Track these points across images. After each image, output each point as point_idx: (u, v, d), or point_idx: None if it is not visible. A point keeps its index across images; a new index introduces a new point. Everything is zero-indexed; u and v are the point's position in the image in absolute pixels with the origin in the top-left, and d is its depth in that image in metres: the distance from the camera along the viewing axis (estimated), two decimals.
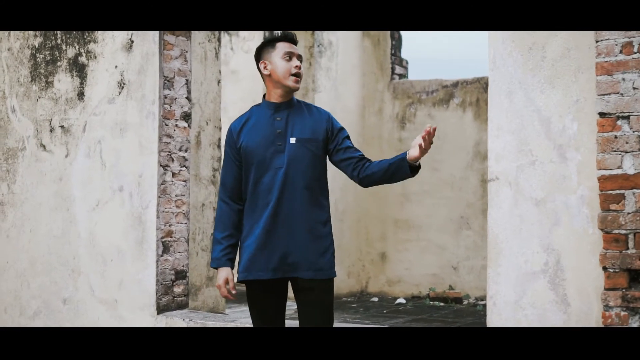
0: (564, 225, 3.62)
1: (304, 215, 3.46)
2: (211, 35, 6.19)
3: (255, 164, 3.46)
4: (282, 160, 3.45)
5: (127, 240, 5.15)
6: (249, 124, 3.53)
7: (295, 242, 3.44)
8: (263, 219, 3.44)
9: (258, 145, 3.47)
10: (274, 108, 3.51)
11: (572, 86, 3.60)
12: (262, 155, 3.46)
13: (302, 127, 3.48)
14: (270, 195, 3.44)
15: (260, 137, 3.48)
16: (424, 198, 8.45)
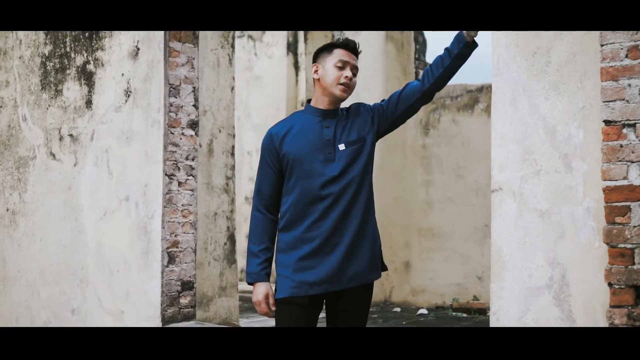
0: (569, 238, 3.45)
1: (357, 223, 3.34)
2: (224, 41, 6.11)
3: (303, 173, 3.28)
4: (333, 169, 3.30)
5: (133, 251, 5.09)
6: (294, 131, 3.35)
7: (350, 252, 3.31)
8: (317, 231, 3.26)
9: (306, 153, 3.29)
10: (321, 115, 3.37)
11: (578, 92, 3.44)
12: (310, 163, 3.29)
13: (349, 132, 3.37)
14: (322, 206, 3.28)
15: (308, 145, 3.31)
16: (448, 206, 8.28)
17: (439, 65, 3.50)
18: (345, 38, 3.41)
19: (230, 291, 6.25)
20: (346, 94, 3.34)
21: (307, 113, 3.40)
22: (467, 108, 8.26)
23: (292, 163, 3.29)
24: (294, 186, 3.28)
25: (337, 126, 3.36)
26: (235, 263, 6.29)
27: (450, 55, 3.45)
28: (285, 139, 3.33)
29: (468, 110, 8.29)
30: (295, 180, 3.28)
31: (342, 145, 3.32)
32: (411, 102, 3.54)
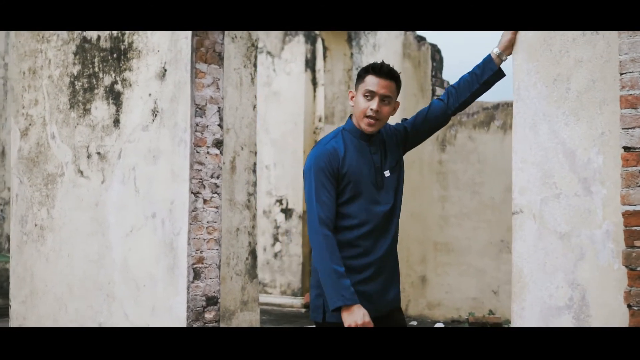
0: (589, 260, 3.53)
1: (395, 248, 3.46)
2: (247, 60, 6.23)
3: (363, 197, 3.28)
4: (385, 197, 3.35)
5: (159, 267, 5.18)
6: (350, 151, 3.32)
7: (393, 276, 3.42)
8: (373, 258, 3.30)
9: (364, 177, 3.30)
10: (367, 139, 3.37)
11: (597, 119, 3.52)
12: (368, 188, 3.30)
13: (388, 157, 3.41)
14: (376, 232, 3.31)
15: (364, 171, 3.32)
16: (464, 221, 8.36)
17: (464, 89, 3.58)
18: (378, 62, 3.38)
19: (252, 305, 6.35)
20: (372, 128, 3.33)
21: (353, 134, 3.37)
22: (483, 125, 8.36)
23: (354, 185, 3.26)
24: (355, 210, 3.26)
25: (381, 151, 3.40)
26: (256, 277, 6.39)
27: (479, 81, 3.54)
28: (346, 159, 3.28)
29: (484, 127, 8.38)
30: (356, 204, 3.26)
31: (387, 172, 3.37)
32: (435, 125, 3.64)
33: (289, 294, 9.91)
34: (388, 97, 3.35)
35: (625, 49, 3.35)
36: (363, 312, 3.17)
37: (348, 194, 3.29)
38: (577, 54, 3.57)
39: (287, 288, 9.93)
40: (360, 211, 3.29)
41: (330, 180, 3.25)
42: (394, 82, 3.37)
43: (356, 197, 3.29)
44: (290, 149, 9.92)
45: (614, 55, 3.47)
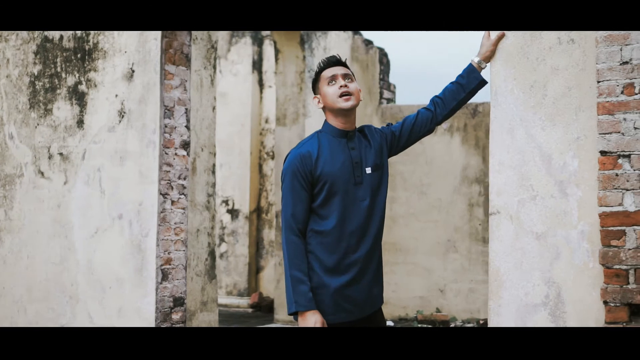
0: (564, 259, 3.68)
1: (380, 246, 3.46)
2: (207, 62, 6.23)
3: (340, 196, 3.28)
4: (364, 193, 3.35)
5: (126, 268, 5.15)
6: (325, 152, 3.33)
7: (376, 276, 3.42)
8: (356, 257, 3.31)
9: (340, 175, 3.30)
10: (345, 136, 3.40)
11: (573, 124, 3.67)
12: (345, 186, 3.30)
13: (371, 155, 3.43)
14: (360, 231, 3.32)
15: (341, 167, 3.32)
16: (412, 221, 8.52)
17: (451, 98, 3.68)
18: (323, 59, 3.47)
19: (211, 306, 6.36)
20: (351, 102, 3.37)
21: (329, 133, 3.40)
22: None
23: (330, 186, 3.28)
24: (333, 210, 3.28)
25: (360, 148, 3.43)
26: (215, 278, 6.40)
27: (465, 90, 3.65)
28: (320, 160, 3.30)
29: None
30: (331, 203, 3.28)
31: (368, 169, 3.39)
32: (422, 133, 3.72)
33: (235, 294, 9.91)
34: (348, 75, 3.43)
35: (603, 57, 3.51)
36: (315, 318, 3.21)
37: (324, 194, 3.31)
38: (554, 62, 3.72)
39: (233, 288, 9.93)
40: (339, 209, 3.30)
41: (302, 184, 3.29)
42: (345, 66, 3.47)
43: (334, 196, 3.31)
44: (237, 150, 9.93)
45: (589, 64, 3.63)
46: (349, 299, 3.27)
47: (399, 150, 3.71)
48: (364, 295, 3.37)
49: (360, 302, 3.35)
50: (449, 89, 3.76)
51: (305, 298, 3.20)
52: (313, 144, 3.38)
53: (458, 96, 3.74)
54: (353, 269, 3.31)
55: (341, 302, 3.25)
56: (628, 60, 3.46)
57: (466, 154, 8.36)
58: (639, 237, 3.41)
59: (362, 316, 3.35)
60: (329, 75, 3.40)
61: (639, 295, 3.40)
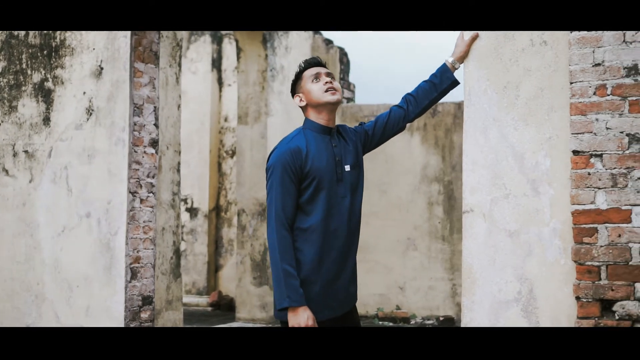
0: (536, 256, 3.76)
1: (357, 244, 3.50)
2: (172, 60, 6.20)
3: (326, 192, 3.30)
4: (343, 191, 3.38)
5: (94, 267, 5.10)
6: (313, 148, 3.34)
7: (353, 273, 3.45)
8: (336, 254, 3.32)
9: (326, 171, 3.32)
10: (328, 132, 3.43)
11: (545, 124, 3.75)
12: (330, 182, 3.32)
13: (349, 153, 3.46)
14: (341, 228, 3.33)
15: (326, 165, 3.34)
16: (372, 220, 8.57)
17: (423, 97, 3.74)
18: (305, 60, 3.53)
19: (176, 304, 6.33)
20: (337, 96, 3.40)
21: (313, 130, 3.42)
22: None
23: (317, 182, 3.28)
24: (318, 206, 3.29)
25: (341, 145, 3.46)
26: (180, 277, 6.37)
27: (437, 90, 3.71)
28: (309, 156, 3.31)
29: None
30: (317, 198, 3.28)
31: (347, 166, 3.42)
32: (394, 131, 3.77)
33: (194, 292, 9.87)
34: (331, 74, 3.49)
35: (576, 59, 3.60)
36: (307, 314, 3.20)
37: (311, 190, 3.31)
38: (526, 63, 3.80)
39: (192, 287, 9.88)
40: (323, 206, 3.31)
41: (292, 179, 3.28)
42: (325, 67, 3.53)
43: (320, 192, 3.32)
44: (196, 149, 9.89)
45: (561, 65, 3.71)
46: (331, 296, 3.29)
47: (372, 147, 3.75)
48: (344, 292, 3.40)
49: (341, 299, 3.38)
50: (421, 87, 3.81)
51: (297, 293, 3.18)
52: (301, 139, 3.38)
53: (430, 95, 3.79)
54: (335, 265, 3.33)
55: (325, 299, 3.27)
56: (600, 62, 3.55)
57: (426, 153, 8.45)
58: (610, 235, 3.50)
59: (342, 313, 3.38)
60: (313, 74, 3.44)
61: (610, 290, 3.49)
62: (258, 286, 8.09)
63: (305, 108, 3.50)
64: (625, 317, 3.47)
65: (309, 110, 3.48)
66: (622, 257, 3.47)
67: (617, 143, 3.50)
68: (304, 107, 3.49)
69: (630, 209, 3.47)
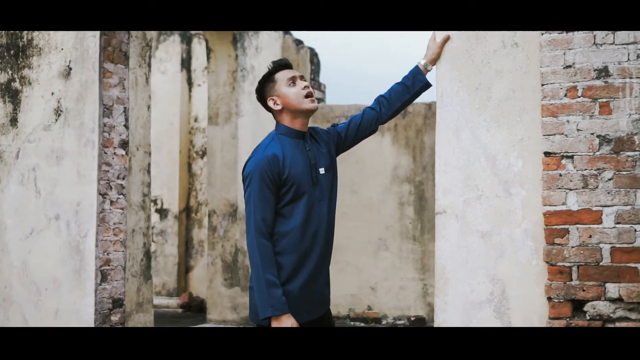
0: (508, 257, 3.78)
1: (332, 246, 3.50)
2: (141, 60, 6.15)
3: (305, 197, 3.28)
4: (320, 194, 3.37)
5: (63, 269, 5.05)
6: (289, 154, 3.31)
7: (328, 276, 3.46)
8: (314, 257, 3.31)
9: (303, 177, 3.30)
10: (302, 137, 3.41)
11: (517, 126, 3.77)
12: (307, 187, 3.30)
13: (323, 156, 3.45)
14: (319, 231, 3.33)
15: (302, 169, 3.32)
16: (343, 220, 8.57)
17: (396, 99, 3.75)
18: (275, 61, 3.49)
19: (147, 307, 6.28)
20: (314, 103, 3.41)
21: (287, 135, 3.40)
22: None
23: (296, 188, 3.28)
24: (298, 210, 3.28)
25: (314, 149, 3.45)
26: (150, 279, 6.32)
27: (409, 92, 3.72)
28: (286, 163, 3.29)
29: None
30: (296, 205, 3.28)
31: (322, 169, 3.42)
32: (366, 133, 3.78)
33: (164, 294, 9.80)
34: (304, 77, 3.48)
35: (547, 61, 3.63)
36: (291, 321, 3.19)
37: (291, 196, 3.30)
38: (498, 65, 3.82)
39: (162, 288, 9.82)
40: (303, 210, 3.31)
41: (270, 187, 3.26)
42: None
43: (299, 197, 3.31)
44: (166, 149, 9.82)
45: (533, 67, 3.73)
46: (309, 299, 3.29)
47: (344, 149, 3.76)
48: (320, 295, 3.41)
49: (317, 301, 3.38)
50: (394, 89, 3.82)
51: (280, 301, 3.17)
52: (276, 146, 3.35)
53: (403, 97, 3.81)
54: (314, 268, 3.34)
55: (303, 302, 3.26)
56: (571, 64, 3.58)
57: (397, 154, 8.47)
58: (581, 235, 3.53)
59: (319, 315, 3.38)
60: (289, 77, 3.41)
61: (581, 291, 3.52)
62: (229, 287, 8.05)
63: (279, 112, 3.46)
64: (596, 318, 3.50)
65: (283, 114, 3.44)
66: (593, 258, 3.50)
67: (587, 144, 3.53)
68: (278, 110, 3.45)
69: (601, 210, 3.51)
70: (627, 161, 3.47)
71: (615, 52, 3.52)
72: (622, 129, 3.50)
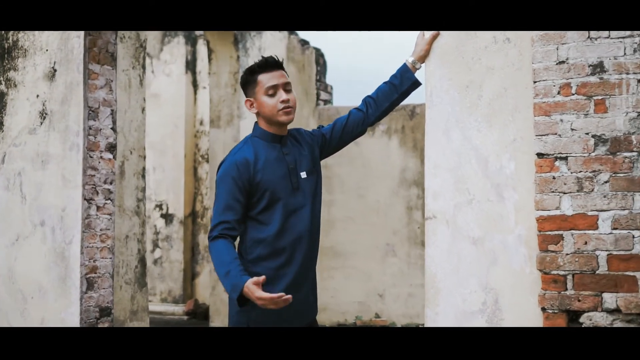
0: (501, 264, 3.61)
1: (317, 252, 3.38)
2: (135, 62, 6.04)
3: (282, 202, 3.18)
4: (302, 199, 3.26)
5: (49, 277, 4.93)
6: (262, 158, 3.21)
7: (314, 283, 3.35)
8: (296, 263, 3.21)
9: (278, 182, 3.20)
10: (279, 141, 3.28)
11: (509, 125, 3.60)
12: (284, 194, 3.20)
13: (304, 159, 3.33)
14: (303, 237, 3.23)
15: (279, 174, 3.22)
16: (350, 225, 8.42)
17: (383, 99, 3.60)
18: (260, 60, 3.31)
19: (142, 315, 6.16)
20: (291, 115, 3.28)
21: (262, 139, 3.29)
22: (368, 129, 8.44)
23: (270, 194, 3.18)
24: (275, 217, 3.18)
25: (294, 152, 3.33)
26: (146, 286, 6.20)
27: (397, 91, 3.57)
28: (258, 167, 3.19)
29: (369, 131, 8.44)
30: (276, 211, 3.18)
31: (303, 173, 3.30)
32: (353, 134, 3.64)
33: (170, 301, 9.69)
34: (289, 84, 3.30)
35: (539, 57, 3.45)
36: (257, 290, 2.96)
37: (265, 202, 3.19)
38: (489, 61, 3.65)
39: (167, 295, 9.70)
40: (280, 216, 3.20)
41: (236, 193, 3.15)
42: (283, 70, 3.32)
43: (275, 203, 3.20)
44: (171, 153, 9.71)
45: (525, 64, 3.56)
46: (293, 307, 3.11)
47: (330, 152, 3.62)
48: (305, 303, 3.32)
49: (301, 311, 3.28)
50: (381, 89, 3.68)
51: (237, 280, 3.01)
52: (248, 149, 3.25)
53: (391, 97, 3.67)
54: (294, 275, 3.23)
55: (285, 310, 3.06)
56: (564, 59, 3.40)
57: (404, 156, 8.30)
58: (576, 242, 3.35)
59: (304, 324, 3.30)
60: (270, 85, 3.24)
61: (577, 301, 3.34)
62: None
63: (256, 114, 3.35)
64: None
65: (260, 117, 3.34)
66: (589, 266, 3.32)
67: (582, 145, 3.35)
68: (255, 113, 3.34)
69: (597, 215, 3.32)
70: (624, 162, 3.29)
71: (611, 46, 3.34)
72: (619, 128, 3.31)
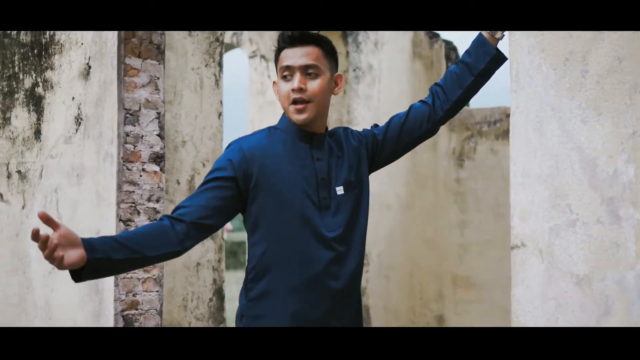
0: (617, 315, 2.60)
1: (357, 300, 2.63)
2: (209, 58, 5.39)
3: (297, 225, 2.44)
4: (333, 222, 2.50)
5: (83, 313, 4.34)
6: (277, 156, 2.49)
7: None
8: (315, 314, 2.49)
9: (298, 191, 2.46)
10: (309, 140, 2.54)
11: (626, 112, 2.59)
12: (303, 211, 2.46)
13: (344, 169, 2.57)
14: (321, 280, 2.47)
15: (300, 179, 2.48)
16: (487, 250, 7.38)
17: (454, 86, 2.73)
18: (281, 34, 2.52)
19: None
20: (303, 115, 2.49)
21: (286, 132, 2.54)
22: (507, 135, 7.39)
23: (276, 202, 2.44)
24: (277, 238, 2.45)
25: (330, 159, 2.55)
26: (224, 322, 5.51)
27: (473, 73, 2.70)
28: (265, 164, 2.46)
29: (508, 137, 7.41)
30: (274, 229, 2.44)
31: (340, 188, 2.51)
32: (417, 135, 2.77)
33: None
34: (313, 67, 2.49)
35: None
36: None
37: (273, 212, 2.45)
38: None
39: None
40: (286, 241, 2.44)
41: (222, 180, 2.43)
42: (317, 47, 2.51)
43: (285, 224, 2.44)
44: None
45: None
46: None
47: (384, 160, 2.77)
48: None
49: None
50: (452, 72, 2.82)
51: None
52: (261, 139, 2.52)
53: (464, 82, 2.79)
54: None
55: None
56: None
57: None
58: None
59: None
60: (284, 65, 2.50)
61: None
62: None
63: None
64: None
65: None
66: None
67: None
68: None
69: None
70: None
71: None
72: None
